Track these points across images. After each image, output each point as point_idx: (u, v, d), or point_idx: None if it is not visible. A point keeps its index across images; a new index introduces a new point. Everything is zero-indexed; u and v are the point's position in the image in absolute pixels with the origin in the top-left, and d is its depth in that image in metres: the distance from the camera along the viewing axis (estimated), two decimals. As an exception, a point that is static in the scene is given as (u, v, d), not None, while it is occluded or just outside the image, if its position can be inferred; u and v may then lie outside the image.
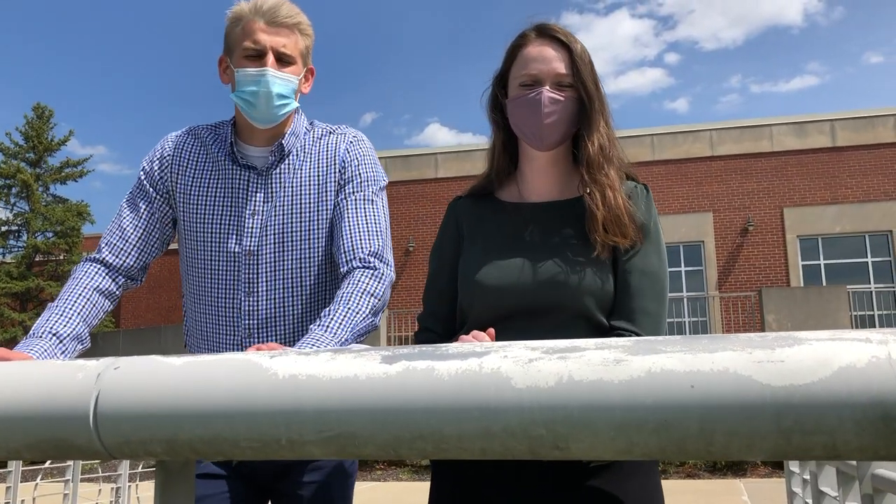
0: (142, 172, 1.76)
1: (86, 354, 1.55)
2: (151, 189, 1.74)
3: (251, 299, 1.68)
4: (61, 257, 21.00)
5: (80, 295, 1.61)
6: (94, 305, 1.61)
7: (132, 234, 1.71)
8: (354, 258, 1.60)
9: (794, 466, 3.55)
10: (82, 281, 1.63)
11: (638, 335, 1.33)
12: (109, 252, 1.69)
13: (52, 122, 21.86)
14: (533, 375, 0.76)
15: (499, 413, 0.76)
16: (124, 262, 1.69)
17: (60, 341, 1.52)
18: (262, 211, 1.69)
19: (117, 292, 1.69)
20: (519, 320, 1.37)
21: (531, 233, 1.44)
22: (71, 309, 1.57)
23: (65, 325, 1.54)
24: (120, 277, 1.69)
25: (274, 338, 1.69)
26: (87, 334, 1.58)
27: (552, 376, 0.76)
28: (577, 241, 1.40)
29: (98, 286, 1.64)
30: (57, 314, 1.55)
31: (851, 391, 0.68)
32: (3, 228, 21.27)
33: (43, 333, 1.51)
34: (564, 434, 0.75)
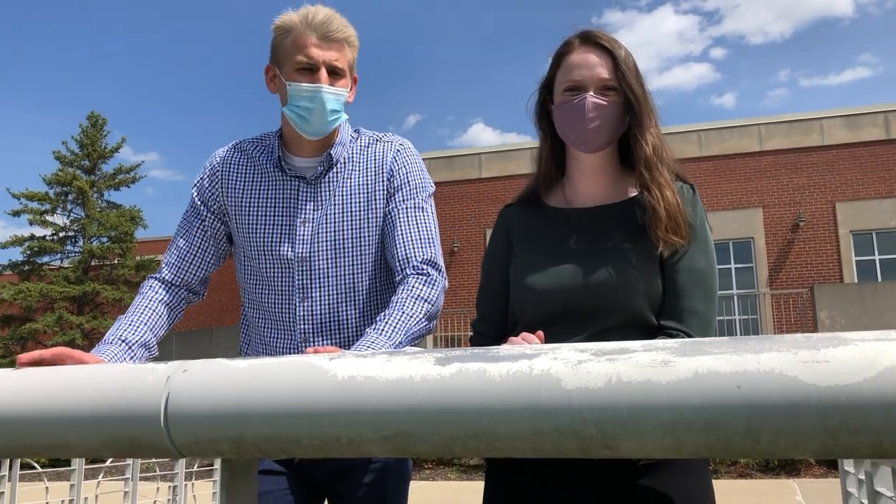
0: (194, 191, 1.84)
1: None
2: (203, 208, 1.81)
3: (306, 305, 1.73)
4: (115, 262, 21.52)
5: (146, 307, 1.71)
6: (159, 316, 1.71)
7: (188, 252, 1.80)
8: (409, 265, 1.65)
9: (848, 466, 3.49)
10: (147, 295, 1.74)
11: (688, 335, 1.35)
12: (169, 271, 1.79)
13: (105, 130, 22.40)
14: (582, 377, 0.79)
15: (549, 413, 0.79)
16: (183, 278, 1.79)
17: (129, 347, 1.61)
18: (313, 219, 1.73)
19: (181, 305, 1.79)
20: (569, 322, 1.39)
21: (580, 237, 1.46)
22: (138, 319, 1.68)
23: (133, 333, 1.64)
24: (181, 292, 1.79)
25: (329, 342, 1.73)
26: (154, 343, 1.68)
27: (601, 377, 0.78)
28: (626, 244, 1.42)
29: (162, 299, 1.75)
30: (126, 324, 1.66)
31: (897, 391, 0.69)
32: (61, 234, 21.88)
33: (113, 340, 1.61)
34: (614, 433, 0.78)
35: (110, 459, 6.87)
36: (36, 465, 7.10)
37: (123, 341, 1.60)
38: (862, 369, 0.70)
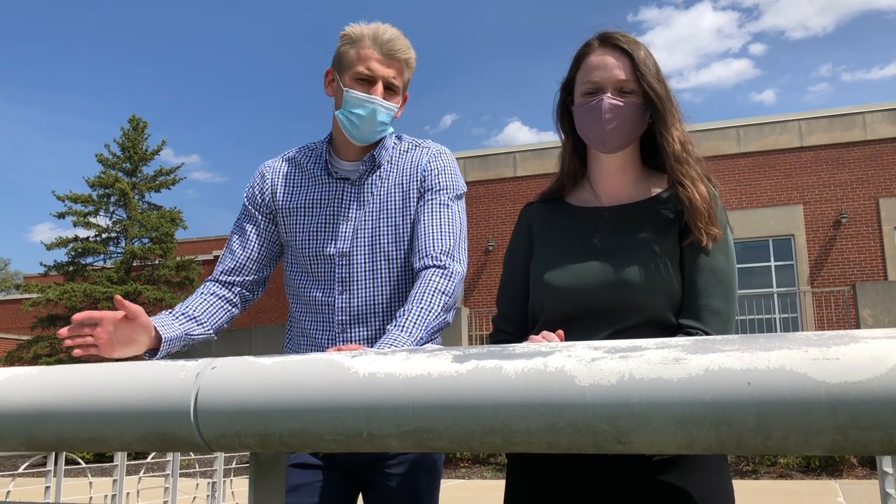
0: (245, 199, 1.95)
1: (185, 355, 1.70)
2: (255, 211, 1.92)
3: (344, 297, 1.82)
4: (157, 262, 21.89)
5: (199, 294, 1.84)
6: (211, 304, 1.83)
7: (241, 255, 1.90)
8: (426, 256, 1.72)
9: (887, 467, 3.43)
10: (199, 292, 1.86)
11: (707, 334, 1.35)
12: (223, 274, 1.89)
13: (146, 132, 22.80)
14: (595, 374, 0.80)
15: (563, 409, 0.81)
16: (236, 279, 1.89)
17: (177, 316, 1.74)
18: (355, 217, 1.83)
19: (235, 300, 1.89)
20: (589, 321, 1.41)
21: (600, 235, 1.48)
22: (191, 303, 1.81)
23: (184, 308, 1.78)
24: (233, 291, 1.89)
25: (366, 332, 1.83)
26: (205, 319, 1.80)
27: (614, 374, 0.80)
28: (647, 244, 1.43)
29: (215, 292, 1.86)
30: (180, 306, 1.79)
31: (907, 388, 0.69)
32: (104, 235, 22.32)
33: (163, 314, 1.73)
34: (626, 429, 0.79)
35: (151, 456, 7.02)
36: (80, 460, 7.28)
37: (171, 312, 1.73)
38: (872, 366, 0.71)
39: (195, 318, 1.76)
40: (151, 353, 1.64)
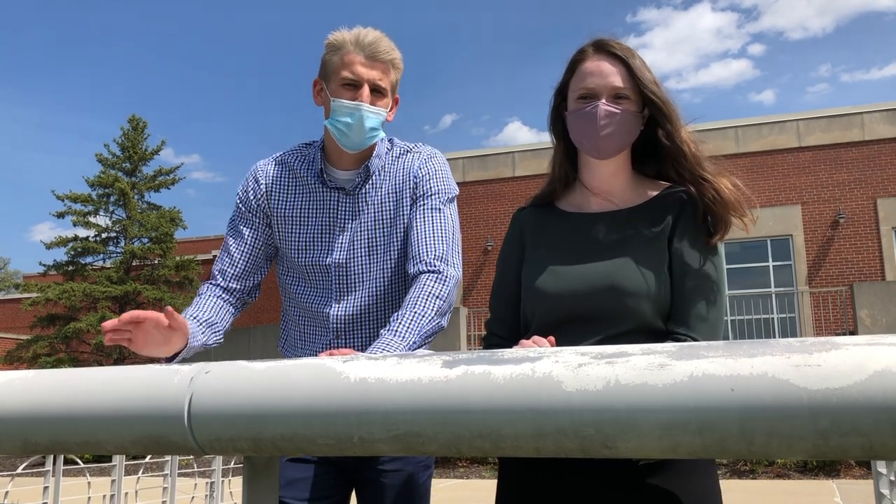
0: (238, 201, 1.94)
1: None
2: (249, 213, 1.91)
3: (340, 305, 1.84)
4: (156, 262, 21.87)
5: (208, 298, 1.84)
6: (219, 309, 1.84)
7: (239, 258, 1.89)
8: (421, 262, 1.73)
9: (881, 467, 3.44)
10: (205, 294, 1.86)
11: (695, 341, 1.36)
12: (222, 278, 1.89)
13: (146, 132, 22.77)
14: (582, 379, 0.81)
15: (550, 414, 0.82)
16: (236, 285, 1.89)
17: (199, 323, 1.75)
18: (350, 228, 1.84)
19: (238, 304, 1.91)
20: (580, 326, 1.42)
21: (592, 241, 1.48)
22: (205, 304, 1.81)
23: (201, 314, 1.78)
24: (234, 296, 1.90)
25: (360, 339, 1.84)
26: (220, 327, 1.81)
27: (600, 380, 0.81)
28: (637, 249, 1.44)
29: (220, 295, 1.87)
30: (193, 309, 1.79)
31: (887, 394, 0.70)
32: (104, 235, 22.29)
33: (188, 320, 1.71)
34: (612, 434, 0.80)
35: (149, 456, 7.03)
36: (79, 460, 7.29)
37: (193, 318, 1.73)
38: (853, 373, 0.72)
39: (213, 325, 1.77)
40: (168, 358, 1.65)
